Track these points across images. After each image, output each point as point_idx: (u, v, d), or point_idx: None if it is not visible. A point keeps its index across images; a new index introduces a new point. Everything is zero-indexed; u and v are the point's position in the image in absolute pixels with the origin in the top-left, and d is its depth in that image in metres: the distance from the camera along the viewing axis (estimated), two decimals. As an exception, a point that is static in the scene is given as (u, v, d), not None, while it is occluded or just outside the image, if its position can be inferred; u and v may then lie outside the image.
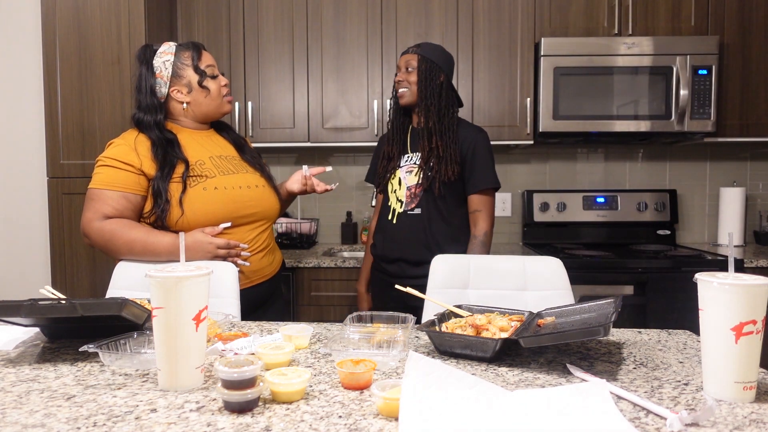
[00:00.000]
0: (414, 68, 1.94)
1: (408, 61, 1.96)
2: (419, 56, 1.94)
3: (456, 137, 1.91)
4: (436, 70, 1.93)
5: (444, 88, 1.94)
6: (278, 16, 2.71)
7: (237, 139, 1.81)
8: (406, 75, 1.96)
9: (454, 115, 1.95)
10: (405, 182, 1.96)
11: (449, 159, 1.88)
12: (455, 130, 1.92)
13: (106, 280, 1.63)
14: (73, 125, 2.40)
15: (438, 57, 1.95)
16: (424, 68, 1.92)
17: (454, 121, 1.94)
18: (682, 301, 2.29)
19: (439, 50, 1.97)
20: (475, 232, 1.93)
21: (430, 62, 1.93)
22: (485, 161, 1.93)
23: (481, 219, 1.93)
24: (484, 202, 1.93)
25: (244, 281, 1.65)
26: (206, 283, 0.94)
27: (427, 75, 1.92)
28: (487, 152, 1.94)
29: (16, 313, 1.07)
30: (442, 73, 1.94)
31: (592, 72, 2.56)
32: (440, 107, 1.92)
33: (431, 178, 1.89)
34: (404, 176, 1.97)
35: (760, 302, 0.84)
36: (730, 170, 2.98)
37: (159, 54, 1.66)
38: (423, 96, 1.92)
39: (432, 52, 1.95)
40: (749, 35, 2.61)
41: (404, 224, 1.94)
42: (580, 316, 1.18)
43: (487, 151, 1.94)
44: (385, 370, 1.01)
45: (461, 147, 1.91)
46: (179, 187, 1.56)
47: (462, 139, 1.92)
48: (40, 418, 0.81)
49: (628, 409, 0.83)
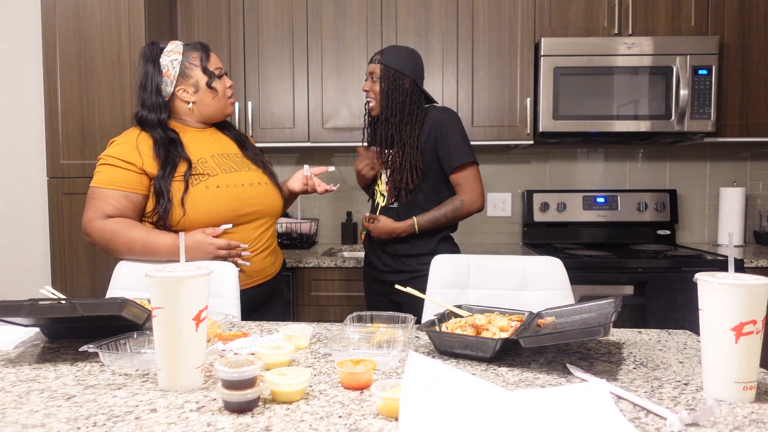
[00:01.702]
0: (378, 78, 1.93)
1: (372, 71, 1.95)
2: (382, 66, 1.92)
3: (417, 141, 1.91)
4: (400, 77, 1.91)
5: (409, 94, 1.92)
6: (278, 16, 2.71)
7: (239, 136, 1.81)
8: (371, 84, 1.96)
9: (418, 117, 1.94)
10: (384, 177, 2.01)
11: (409, 167, 1.90)
12: (417, 134, 1.91)
13: (106, 280, 1.63)
14: (73, 125, 2.40)
15: (401, 63, 1.92)
16: (387, 78, 1.91)
17: (418, 124, 1.93)
18: (682, 301, 2.29)
19: (403, 54, 1.94)
20: (453, 198, 1.94)
21: (393, 71, 1.91)
22: (456, 140, 1.92)
23: (462, 191, 1.93)
24: (464, 177, 1.93)
25: (246, 281, 1.65)
26: (206, 283, 0.94)
27: (390, 85, 1.91)
28: (454, 130, 1.92)
29: (16, 313, 1.07)
30: (407, 79, 1.92)
31: (592, 72, 2.56)
32: (403, 116, 1.92)
33: (396, 187, 1.94)
34: (384, 172, 2.01)
35: (760, 302, 0.84)
36: (730, 170, 2.98)
37: (166, 53, 1.65)
38: (385, 106, 1.92)
39: (395, 58, 1.92)
40: (749, 35, 2.61)
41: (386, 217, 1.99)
42: (580, 316, 1.18)
43: (453, 129, 1.92)
44: (385, 370, 1.01)
45: (427, 134, 1.92)
46: (181, 187, 1.56)
47: (427, 127, 1.92)
48: (40, 418, 0.81)
49: (628, 409, 0.83)
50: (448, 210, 1.92)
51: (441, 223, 1.93)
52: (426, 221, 1.92)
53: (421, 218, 1.92)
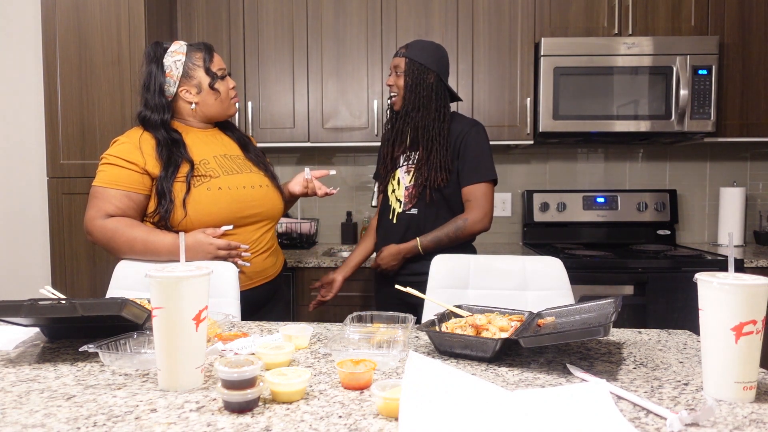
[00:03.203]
0: (402, 72, 1.89)
1: (397, 65, 1.92)
2: (407, 59, 1.88)
3: (446, 141, 1.86)
4: (425, 72, 1.87)
5: (434, 89, 1.88)
6: (278, 16, 2.71)
7: (241, 138, 1.81)
8: (395, 79, 1.92)
9: (446, 116, 1.89)
10: (403, 182, 1.95)
11: (437, 166, 1.85)
12: (445, 134, 1.87)
13: (106, 280, 1.63)
14: (73, 125, 2.40)
15: (427, 57, 1.88)
16: (411, 72, 1.87)
17: (446, 123, 1.88)
18: (682, 301, 2.29)
19: (429, 49, 1.90)
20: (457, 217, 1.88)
21: (418, 65, 1.87)
22: (475, 154, 1.87)
23: (470, 208, 1.87)
24: (474, 193, 1.87)
25: (248, 282, 1.64)
26: (206, 283, 0.94)
27: (414, 79, 1.87)
28: (477, 145, 1.88)
29: (16, 313, 1.07)
30: (431, 74, 1.88)
31: (592, 72, 2.56)
32: (429, 111, 1.87)
33: (422, 185, 1.88)
34: (402, 176, 1.96)
35: (760, 302, 0.84)
36: (730, 170, 2.98)
37: (170, 53, 1.65)
38: (408, 101, 1.87)
39: (420, 52, 1.89)
40: (749, 35, 2.61)
41: (402, 224, 1.94)
42: (580, 316, 1.18)
43: (477, 143, 1.88)
44: (385, 370, 1.01)
45: (452, 144, 1.88)
46: (183, 188, 1.56)
47: (453, 136, 1.88)
48: (40, 418, 0.81)
49: (628, 409, 0.83)
50: (451, 230, 1.85)
51: (444, 244, 1.85)
52: (429, 242, 1.86)
53: (424, 239, 1.86)
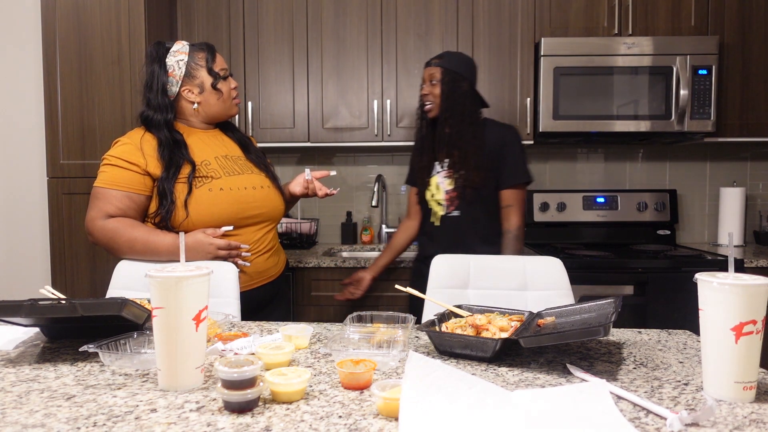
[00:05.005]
0: (438, 81, 1.99)
1: (432, 74, 2.01)
2: (442, 69, 1.98)
3: (480, 143, 1.96)
4: (459, 79, 1.97)
5: (468, 96, 1.98)
6: (278, 16, 2.71)
7: (242, 138, 1.81)
8: (430, 88, 2.01)
9: (478, 120, 2.00)
10: (442, 187, 2.02)
11: (474, 165, 1.94)
12: (480, 137, 1.96)
13: (106, 280, 1.63)
14: (73, 125, 2.40)
15: (461, 66, 1.99)
16: (447, 80, 1.97)
17: (480, 127, 1.98)
18: (682, 301, 2.29)
19: (461, 59, 2.02)
20: (508, 227, 1.99)
21: (453, 73, 1.97)
22: (514, 157, 1.98)
23: (512, 213, 1.99)
24: (514, 197, 1.99)
25: (250, 282, 1.65)
26: (206, 283, 0.94)
27: (450, 87, 1.97)
28: (516, 147, 1.99)
29: (16, 313, 1.07)
30: (465, 81, 1.98)
31: (592, 72, 2.56)
32: (463, 116, 1.96)
33: (462, 185, 1.96)
34: (441, 181, 2.03)
35: (760, 302, 0.84)
36: (730, 170, 2.98)
37: (172, 53, 1.65)
38: (445, 108, 1.97)
39: (454, 62, 2.00)
40: (749, 35, 2.60)
41: (446, 227, 2.02)
42: (580, 316, 1.18)
43: (515, 146, 1.99)
44: (385, 370, 1.01)
45: (490, 148, 1.96)
46: (185, 189, 1.56)
47: (490, 140, 1.97)
48: (40, 418, 0.81)
49: (628, 409, 0.83)
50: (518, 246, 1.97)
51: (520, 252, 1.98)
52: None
53: None
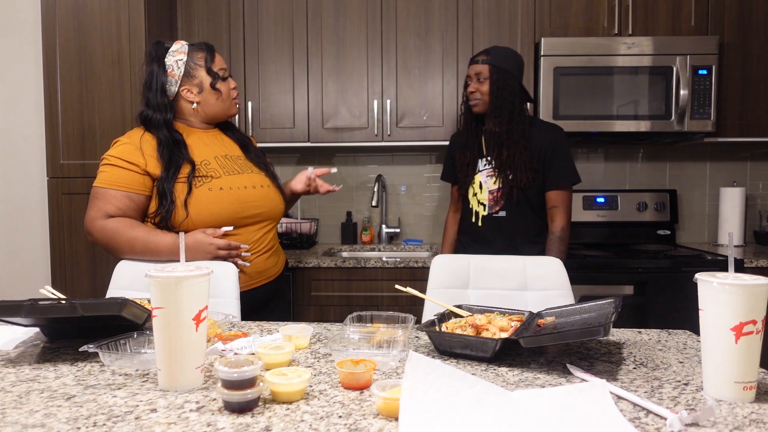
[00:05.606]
0: (486, 78, 1.97)
1: (479, 72, 1.99)
2: (491, 66, 1.96)
3: (528, 143, 1.94)
4: (508, 77, 1.96)
5: (517, 94, 1.97)
6: (278, 16, 2.71)
7: (242, 138, 1.81)
8: (478, 85, 1.99)
9: (526, 118, 1.98)
10: (486, 186, 2.01)
11: (522, 166, 1.93)
12: (527, 136, 1.95)
13: (106, 280, 1.63)
14: (73, 125, 2.40)
15: (509, 63, 1.97)
16: (496, 78, 1.95)
17: (526, 125, 1.97)
18: (682, 301, 2.29)
19: (509, 55, 2.00)
20: (552, 228, 1.99)
21: (503, 71, 1.95)
22: (562, 158, 1.98)
23: (557, 215, 1.98)
24: (561, 198, 1.99)
25: (249, 282, 1.65)
26: (206, 283, 0.94)
27: (499, 85, 1.95)
28: (564, 148, 1.99)
29: (16, 313, 1.07)
30: (514, 79, 1.97)
31: (592, 72, 2.56)
32: (513, 115, 1.95)
33: (509, 185, 1.95)
34: (485, 180, 2.01)
35: (760, 302, 0.84)
36: (730, 170, 2.98)
37: (171, 52, 1.65)
38: (495, 105, 1.96)
39: (503, 59, 1.97)
40: (749, 35, 2.60)
41: (490, 226, 2.01)
42: (580, 316, 1.18)
43: (563, 148, 1.99)
44: (385, 370, 1.01)
45: (538, 148, 1.95)
46: (185, 189, 1.56)
47: (538, 141, 1.96)
48: (40, 418, 0.81)
49: (628, 409, 0.83)
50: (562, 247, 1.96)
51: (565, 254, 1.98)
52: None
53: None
